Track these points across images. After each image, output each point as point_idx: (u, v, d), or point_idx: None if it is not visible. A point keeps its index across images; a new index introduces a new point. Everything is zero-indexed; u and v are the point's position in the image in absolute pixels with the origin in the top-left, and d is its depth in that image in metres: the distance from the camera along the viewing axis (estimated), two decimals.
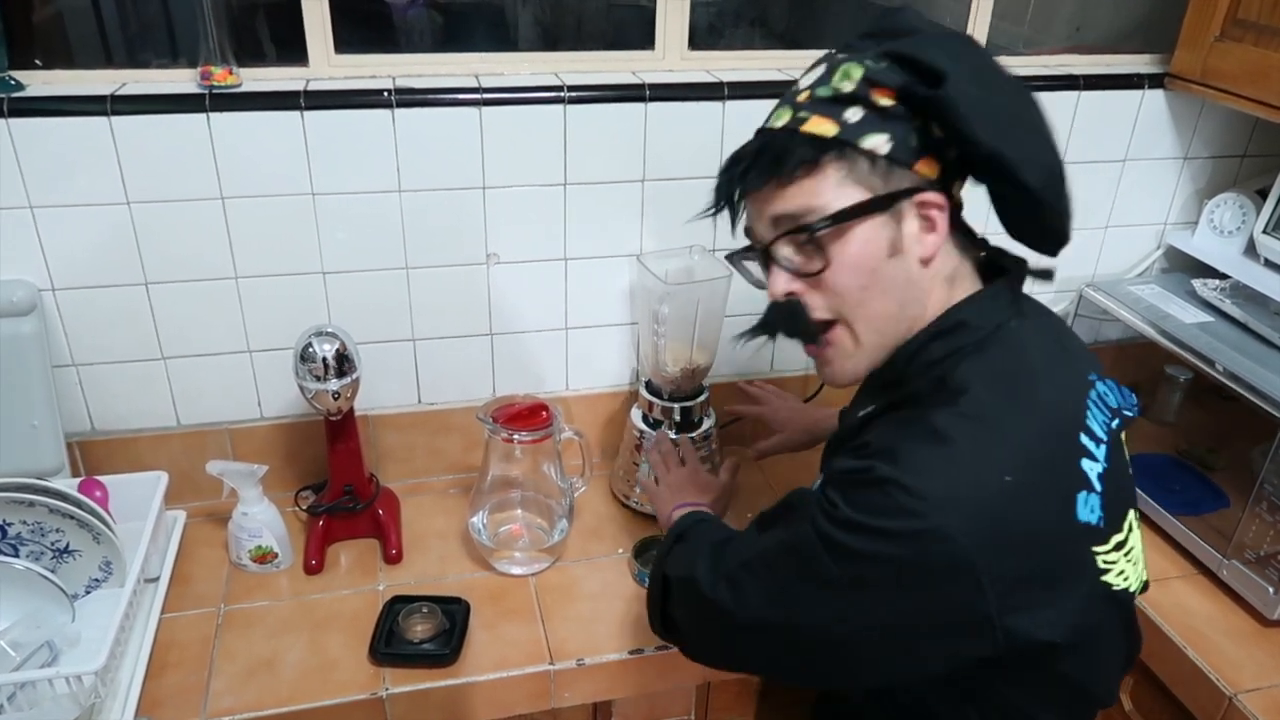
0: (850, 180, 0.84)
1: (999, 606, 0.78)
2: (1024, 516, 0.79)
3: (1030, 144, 0.84)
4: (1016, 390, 0.84)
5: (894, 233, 0.86)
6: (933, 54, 0.81)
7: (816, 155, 0.84)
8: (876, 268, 0.86)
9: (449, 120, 1.37)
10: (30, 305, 1.32)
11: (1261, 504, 1.30)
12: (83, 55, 1.37)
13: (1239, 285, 1.57)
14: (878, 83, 0.83)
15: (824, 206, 0.85)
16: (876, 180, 0.84)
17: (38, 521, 1.22)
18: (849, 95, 0.84)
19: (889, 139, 0.83)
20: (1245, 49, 1.44)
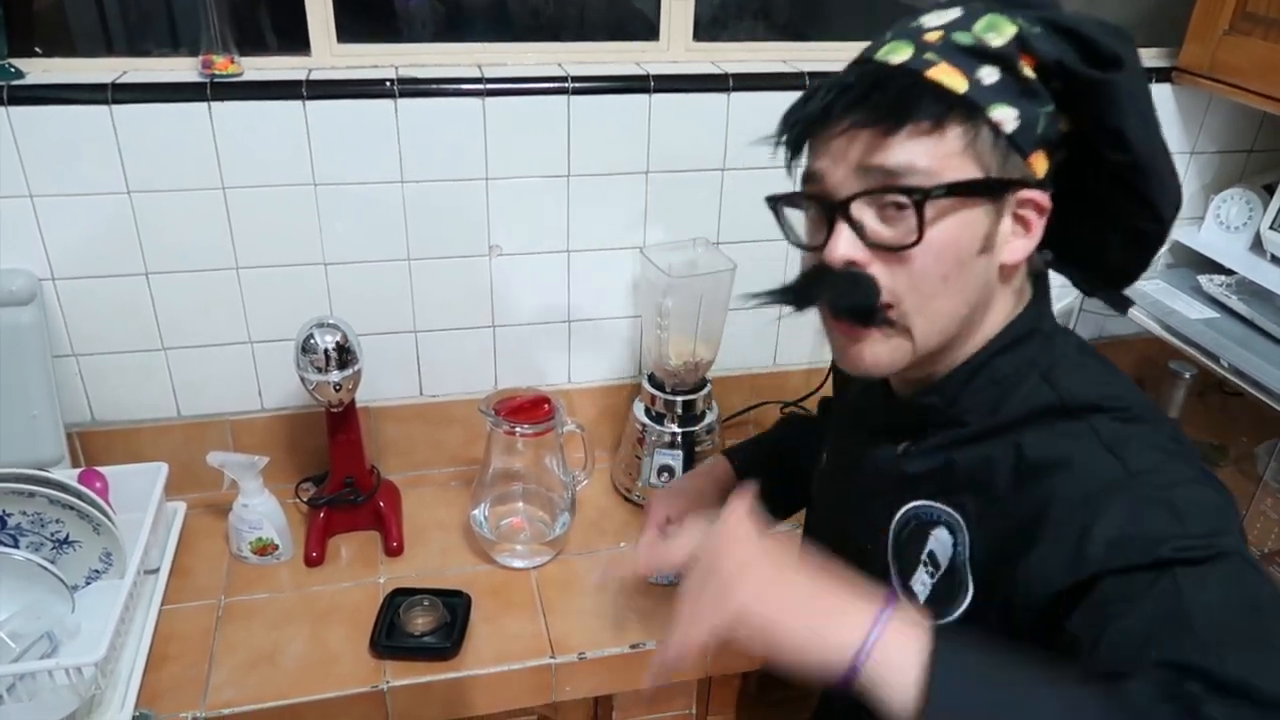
0: (969, 152, 0.72)
1: None
2: None
3: (1170, 169, 0.75)
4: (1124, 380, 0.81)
5: (991, 226, 0.75)
6: (1106, 37, 0.72)
7: (943, 111, 0.71)
8: (965, 260, 0.75)
9: (452, 111, 1.37)
10: (30, 295, 1.32)
11: (1266, 501, 1.29)
12: (83, 43, 1.36)
13: (1245, 281, 1.56)
14: (1030, 48, 0.72)
15: (933, 172, 0.72)
16: (994, 160, 0.73)
17: (38, 512, 1.21)
18: (992, 52, 0.72)
19: (1018, 116, 0.72)
20: (1254, 43, 1.43)
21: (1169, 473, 0.72)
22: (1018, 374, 0.80)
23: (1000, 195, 0.74)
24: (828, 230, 0.76)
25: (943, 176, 0.72)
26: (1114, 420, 0.75)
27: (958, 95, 0.71)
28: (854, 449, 0.97)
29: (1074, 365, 0.81)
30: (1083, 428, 0.75)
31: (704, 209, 1.53)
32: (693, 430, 1.50)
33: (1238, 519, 0.72)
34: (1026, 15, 0.73)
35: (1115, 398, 0.77)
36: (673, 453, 1.49)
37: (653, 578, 1.26)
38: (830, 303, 0.79)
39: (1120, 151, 0.74)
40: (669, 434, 1.49)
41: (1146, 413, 0.77)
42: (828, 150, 0.76)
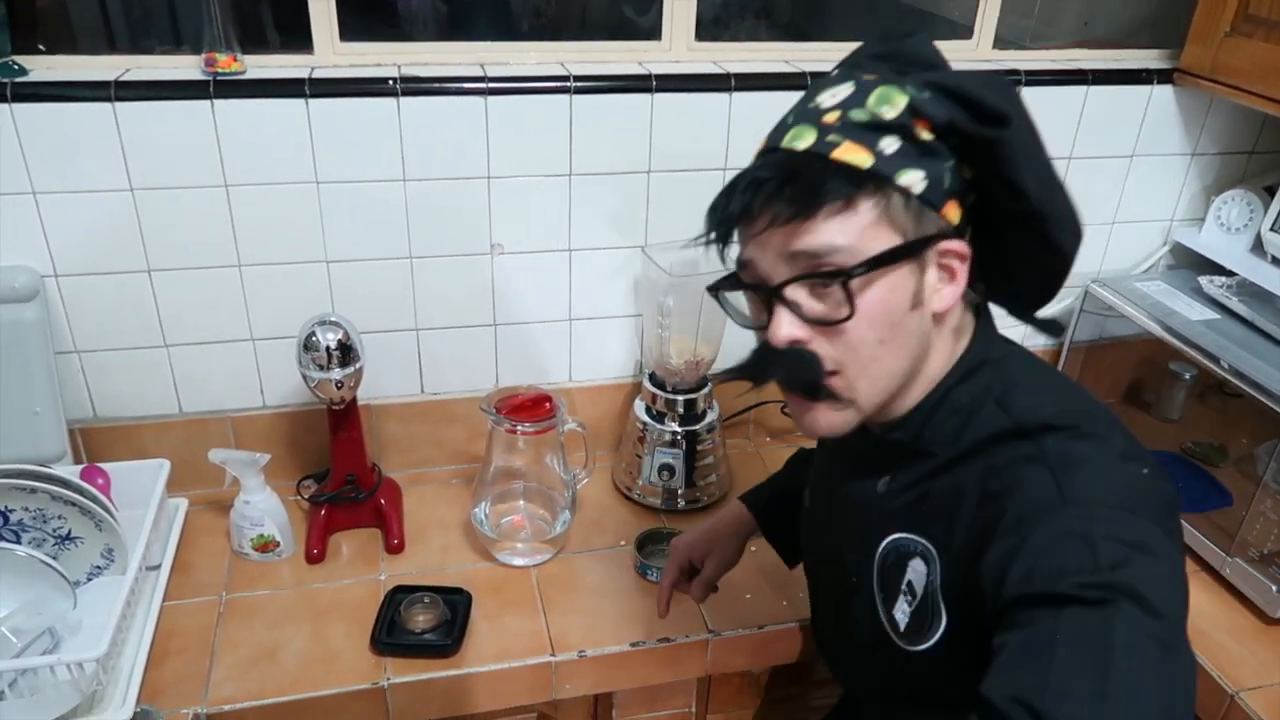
0: (884, 221, 0.76)
1: None
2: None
3: (1067, 205, 0.80)
4: (1077, 393, 0.85)
5: (917, 282, 0.79)
6: (990, 94, 0.75)
7: (852, 190, 0.75)
8: (898, 320, 0.79)
9: (454, 109, 1.37)
10: (33, 291, 1.32)
11: (1265, 502, 1.29)
12: (86, 41, 1.36)
13: (1245, 282, 1.56)
14: (923, 114, 0.75)
15: (852, 248, 0.76)
16: (909, 222, 0.77)
17: (40, 508, 1.22)
18: (888, 123, 0.75)
19: (924, 177, 0.76)
20: (1256, 45, 1.43)
21: (1101, 502, 0.73)
22: (974, 402, 0.84)
23: (920, 253, 0.78)
24: (768, 314, 0.81)
25: (864, 250, 0.76)
26: (1064, 439, 0.78)
27: (865, 170, 0.75)
28: (837, 484, 1.00)
29: (1027, 387, 0.84)
30: (1033, 449, 0.78)
31: (705, 208, 1.53)
32: (693, 429, 1.50)
33: (1165, 538, 0.74)
34: (914, 81, 0.77)
35: (1065, 415, 0.80)
36: (673, 451, 1.49)
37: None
38: (781, 382, 0.84)
39: (1016, 201, 0.78)
40: (670, 433, 1.49)
41: (1098, 427, 0.79)
42: (755, 241, 0.81)
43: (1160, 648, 0.66)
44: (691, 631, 1.29)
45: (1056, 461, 0.76)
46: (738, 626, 1.30)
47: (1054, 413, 0.80)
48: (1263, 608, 1.32)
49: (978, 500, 0.80)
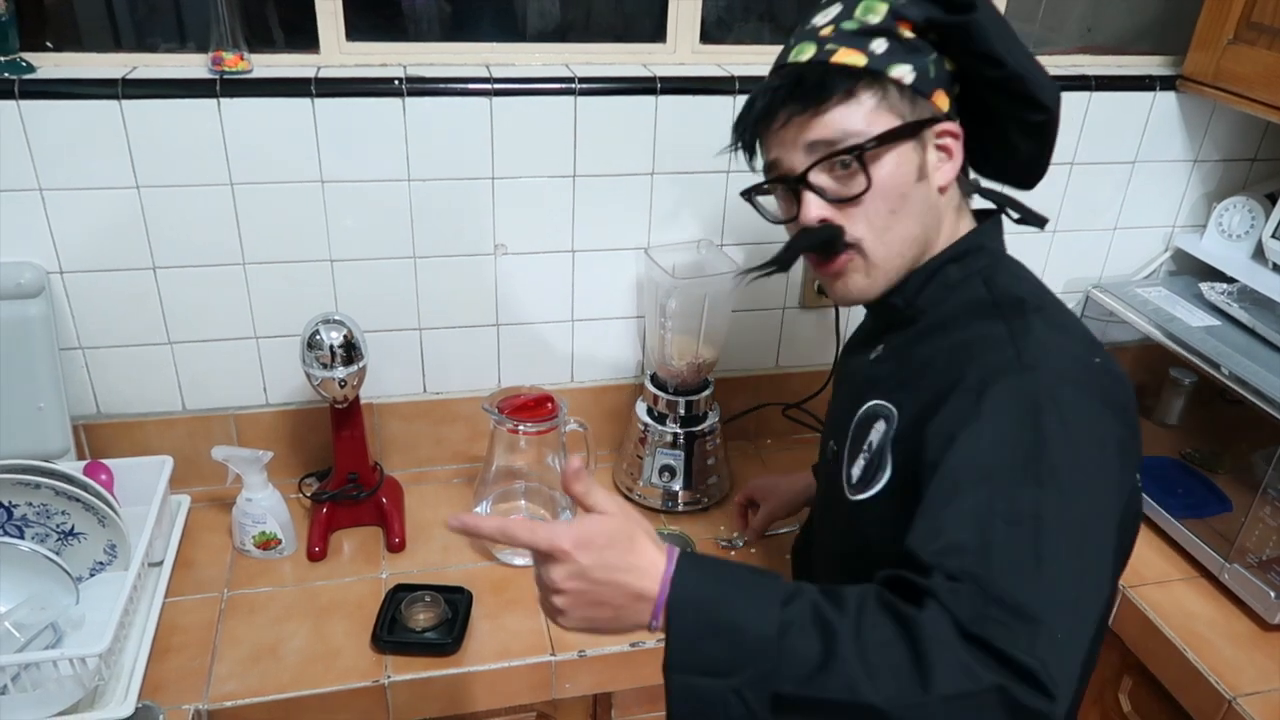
0: (883, 107, 0.89)
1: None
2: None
3: (1040, 69, 0.91)
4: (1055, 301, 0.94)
5: (920, 158, 0.91)
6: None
7: (852, 83, 0.88)
8: (907, 192, 0.91)
9: (459, 110, 1.37)
10: (38, 288, 1.33)
11: (1265, 508, 1.30)
12: (93, 38, 1.36)
13: (1246, 289, 1.56)
14: (903, 16, 0.88)
15: (861, 132, 0.88)
16: (905, 107, 0.89)
17: (43, 504, 1.22)
18: (874, 27, 0.88)
19: (913, 69, 0.89)
20: (1259, 52, 1.44)
21: (1055, 373, 0.81)
22: (965, 279, 0.94)
23: (918, 133, 0.90)
24: (797, 202, 0.93)
25: (870, 131, 0.89)
26: (1033, 317, 0.86)
27: (861, 68, 0.88)
28: (845, 371, 1.13)
29: (1011, 274, 0.95)
30: (1002, 324, 0.86)
31: (709, 211, 1.54)
32: (695, 431, 1.50)
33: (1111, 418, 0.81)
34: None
35: (1038, 298, 0.91)
36: (674, 453, 1.50)
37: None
38: (807, 248, 0.94)
39: (995, 68, 0.89)
40: (671, 434, 1.50)
41: (1066, 319, 0.91)
42: (778, 141, 0.93)
43: (1083, 537, 0.73)
44: None
45: (1021, 331, 0.85)
46: None
47: (1028, 292, 0.91)
48: (1261, 614, 1.32)
49: (943, 364, 0.88)
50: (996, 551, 0.70)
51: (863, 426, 0.95)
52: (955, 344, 0.90)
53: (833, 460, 1.01)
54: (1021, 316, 0.87)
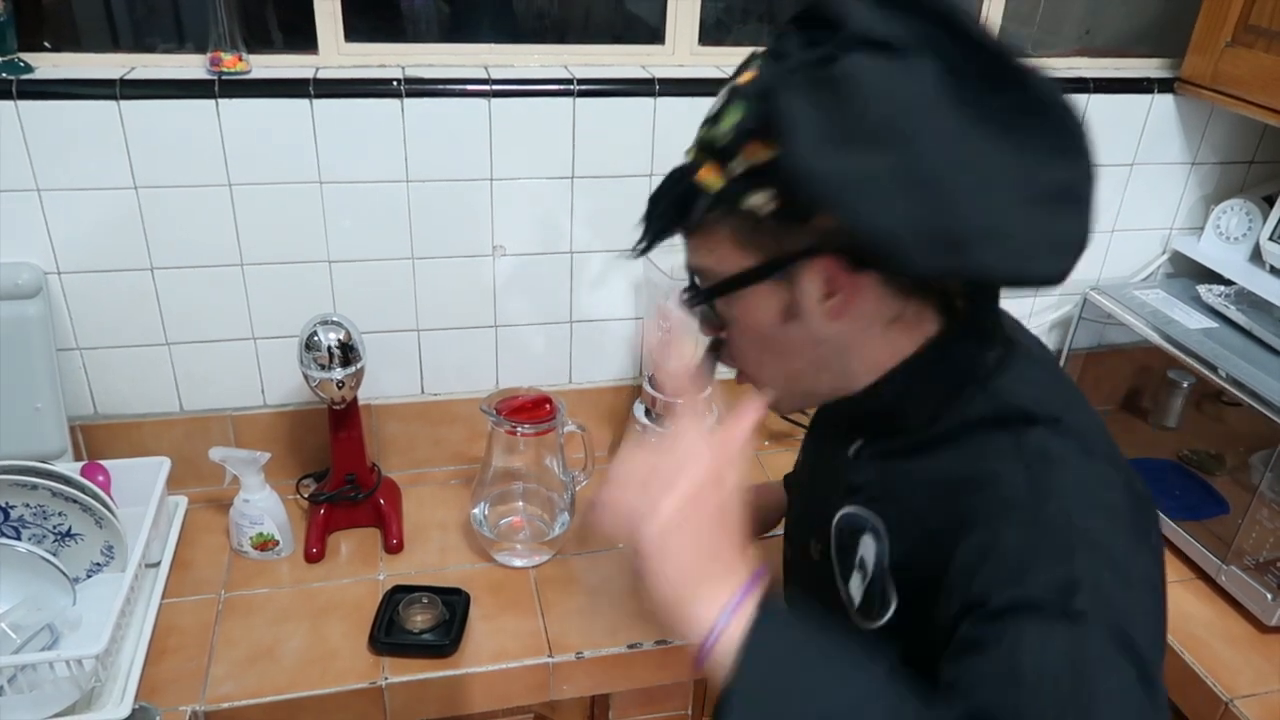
0: (737, 242, 0.74)
1: None
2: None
3: (902, 208, 0.66)
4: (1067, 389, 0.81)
5: (788, 297, 0.75)
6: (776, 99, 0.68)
7: (704, 211, 0.74)
8: (770, 334, 0.78)
9: (458, 111, 1.37)
10: (35, 288, 1.32)
11: (1262, 510, 1.30)
12: (92, 38, 1.36)
13: (1244, 291, 1.57)
14: (751, 134, 0.70)
15: (710, 270, 0.77)
16: (767, 240, 0.73)
17: (40, 505, 1.22)
18: (726, 147, 0.71)
19: (774, 195, 0.70)
20: (1256, 55, 1.44)
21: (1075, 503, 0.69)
22: (956, 381, 0.79)
23: (779, 271, 0.74)
24: None
25: (719, 272, 0.76)
26: (1044, 433, 0.73)
27: (716, 192, 0.72)
28: (816, 449, 1.00)
29: (1013, 374, 0.79)
30: (1010, 441, 0.74)
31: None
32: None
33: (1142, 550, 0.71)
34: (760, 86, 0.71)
35: (1046, 404, 0.76)
36: None
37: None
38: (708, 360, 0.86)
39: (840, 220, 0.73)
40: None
41: (1080, 419, 0.76)
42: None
43: (1139, 681, 0.63)
44: None
45: (1033, 456, 0.72)
46: None
47: (1035, 399, 0.76)
48: (1258, 615, 1.32)
49: (947, 487, 0.76)
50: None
51: (847, 536, 0.85)
52: (958, 459, 0.76)
53: (820, 564, 0.89)
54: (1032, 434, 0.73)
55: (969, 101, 0.67)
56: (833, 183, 0.66)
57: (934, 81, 0.67)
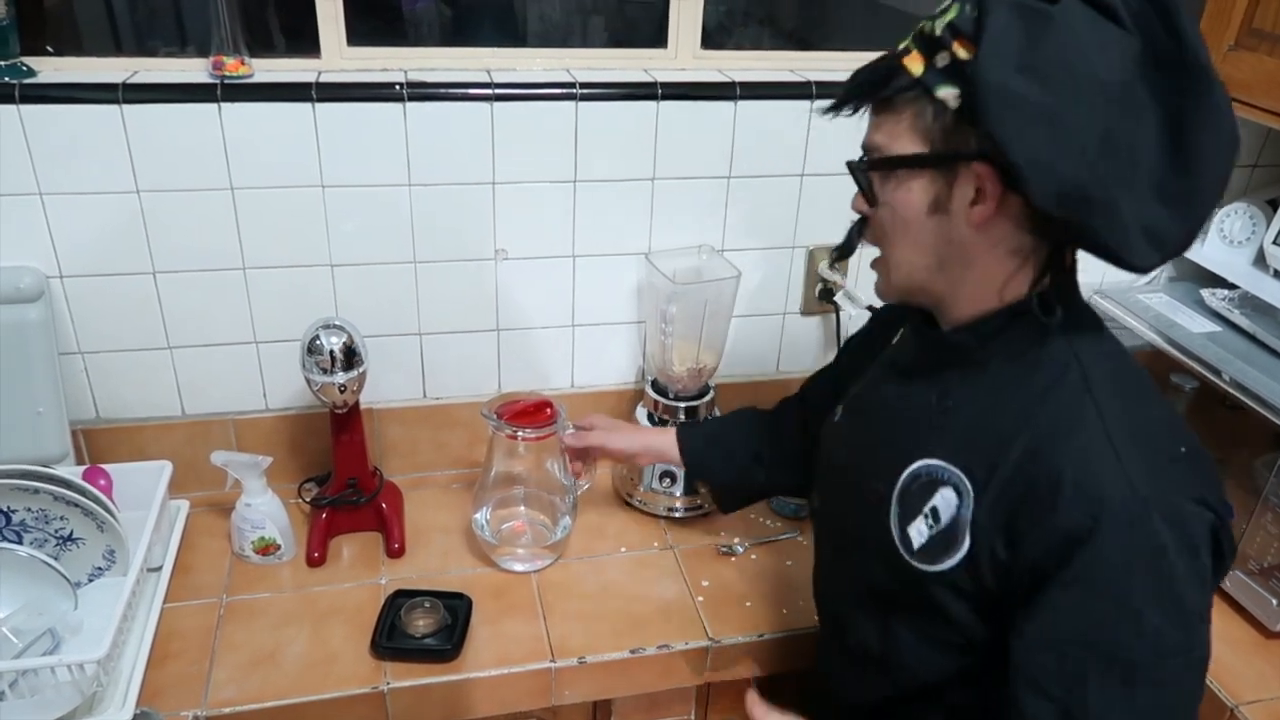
0: (915, 128, 0.82)
1: None
2: None
3: (1054, 149, 0.75)
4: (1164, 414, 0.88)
5: (941, 192, 0.83)
6: (993, 11, 0.75)
7: (898, 92, 0.82)
8: (912, 220, 0.85)
9: (460, 115, 1.37)
10: (38, 292, 1.32)
11: (1266, 515, 1.30)
12: (94, 43, 1.36)
13: (1247, 295, 1.56)
14: (960, 32, 0.77)
15: (881, 148, 0.85)
16: (938, 134, 0.81)
17: (42, 509, 1.22)
18: (938, 38, 0.79)
19: (960, 94, 0.78)
20: (1260, 58, 1.44)
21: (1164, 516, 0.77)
22: (1054, 361, 0.85)
23: (943, 166, 0.82)
24: None
25: (889, 149, 0.84)
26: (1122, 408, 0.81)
27: (915, 78, 0.80)
28: (886, 391, 1.02)
29: (1116, 390, 0.84)
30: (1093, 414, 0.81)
31: (709, 216, 1.54)
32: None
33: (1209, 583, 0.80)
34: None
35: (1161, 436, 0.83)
36: None
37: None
38: (847, 235, 0.94)
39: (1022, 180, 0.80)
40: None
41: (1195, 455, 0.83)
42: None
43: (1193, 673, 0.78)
44: (691, 639, 1.29)
45: (1117, 429, 0.80)
46: (737, 634, 1.30)
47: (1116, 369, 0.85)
48: (1263, 621, 1.32)
49: (1029, 448, 0.82)
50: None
51: (924, 486, 0.89)
52: (1042, 424, 0.82)
53: (879, 507, 0.94)
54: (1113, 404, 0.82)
55: (1151, 90, 0.75)
56: (1008, 101, 0.74)
57: (1131, 60, 0.75)
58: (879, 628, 0.98)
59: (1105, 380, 0.83)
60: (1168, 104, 0.75)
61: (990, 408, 0.87)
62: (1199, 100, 0.74)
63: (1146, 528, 0.76)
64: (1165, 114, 0.75)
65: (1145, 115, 0.75)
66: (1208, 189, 0.77)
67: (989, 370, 0.88)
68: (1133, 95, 0.75)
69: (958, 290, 0.88)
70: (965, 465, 0.86)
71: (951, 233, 0.84)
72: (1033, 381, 0.85)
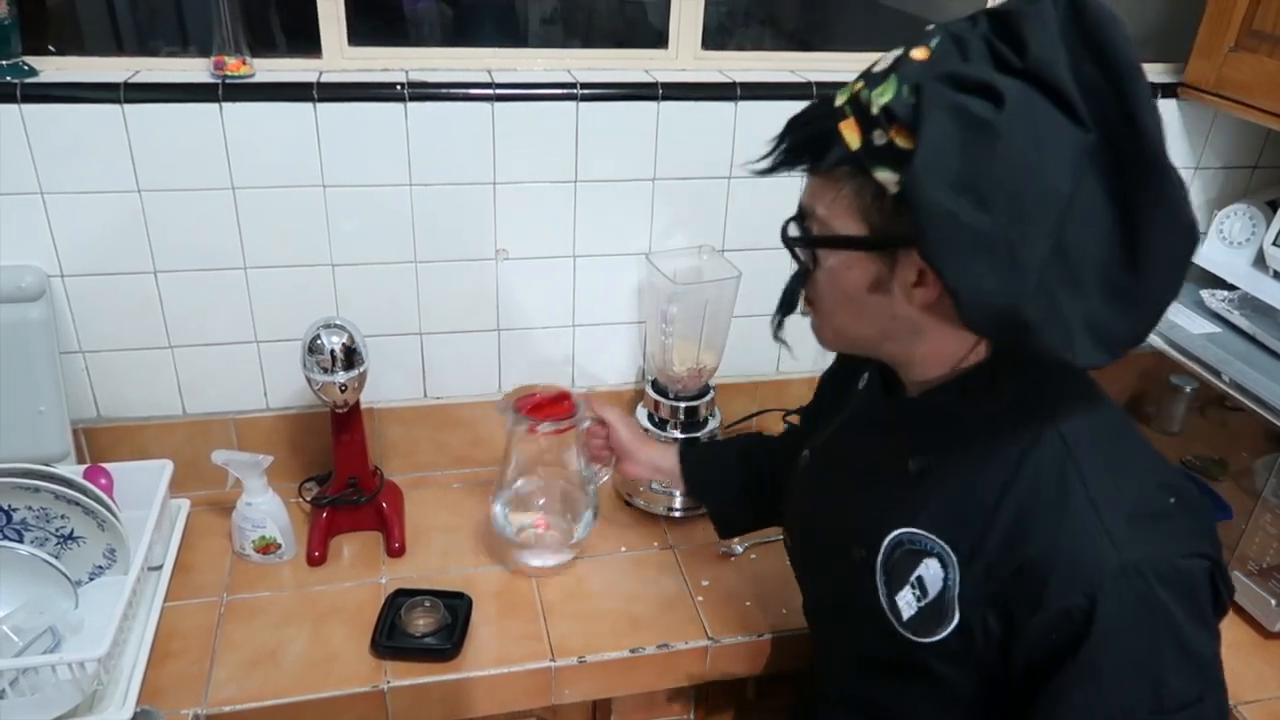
0: (855, 206, 0.77)
1: None
2: None
3: (993, 277, 0.70)
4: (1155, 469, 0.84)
5: (882, 273, 0.79)
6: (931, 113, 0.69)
7: (834, 164, 0.76)
8: (853, 295, 0.81)
9: (461, 115, 1.37)
10: (39, 291, 1.33)
11: (1265, 516, 1.30)
12: (96, 42, 1.37)
13: (1247, 296, 1.56)
14: (897, 119, 0.71)
15: (824, 218, 0.80)
16: (877, 217, 0.76)
17: (43, 507, 1.22)
18: (874, 117, 0.72)
19: (899, 181, 0.72)
20: (1260, 60, 1.44)
21: (1157, 573, 0.75)
22: (1031, 422, 0.81)
23: (882, 249, 0.77)
24: None
25: (829, 226, 0.79)
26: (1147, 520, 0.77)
27: (849, 151, 0.74)
28: (852, 443, 1.00)
29: (1097, 449, 0.80)
30: (1077, 483, 0.78)
31: (710, 216, 1.54)
32: (695, 436, 1.50)
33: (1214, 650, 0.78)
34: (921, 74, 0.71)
35: (1148, 493, 0.80)
36: None
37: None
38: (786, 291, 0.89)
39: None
40: (672, 440, 1.50)
41: (1185, 504, 0.80)
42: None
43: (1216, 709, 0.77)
44: (690, 638, 1.29)
45: (1102, 500, 0.77)
46: (737, 634, 1.30)
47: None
48: (1262, 621, 1.32)
49: (1014, 524, 0.79)
50: None
51: (908, 555, 0.86)
52: (1024, 496, 0.79)
53: (860, 567, 0.90)
54: (1095, 468, 0.78)
55: (1104, 188, 0.70)
56: (940, 222, 0.69)
57: (1085, 157, 0.69)
58: (877, 688, 0.97)
59: (1086, 441, 0.80)
60: (1121, 201, 0.70)
61: (969, 475, 0.83)
62: (1154, 195, 0.70)
63: (1146, 596, 0.74)
64: (1118, 213, 0.70)
65: (1096, 216, 0.70)
66: (1160, 287, 0.73)
67: (963, 432, 0.84)
68: (1084, 200, 0.69)
69: (912, 356, 0.85)
70: (949, 538, 0.83)
71: (895, 309, 0.80)
72: (1011, 446, 0.81)
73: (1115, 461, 0.81)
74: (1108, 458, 0.80)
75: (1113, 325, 0.73)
